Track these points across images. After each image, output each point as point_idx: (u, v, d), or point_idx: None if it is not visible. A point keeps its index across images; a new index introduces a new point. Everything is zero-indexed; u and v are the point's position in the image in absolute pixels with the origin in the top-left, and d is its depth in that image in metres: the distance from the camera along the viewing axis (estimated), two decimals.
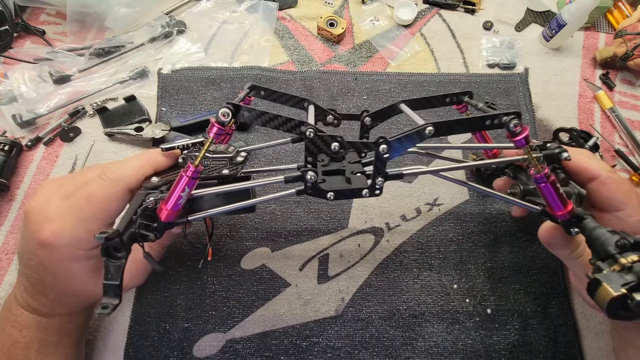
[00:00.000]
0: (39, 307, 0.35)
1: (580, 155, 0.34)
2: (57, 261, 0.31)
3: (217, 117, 0.29)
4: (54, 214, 0.31)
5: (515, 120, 0.28)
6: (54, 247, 0.31)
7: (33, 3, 0.60)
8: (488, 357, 0.44)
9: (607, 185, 0.32)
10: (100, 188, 0.32)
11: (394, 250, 0.49)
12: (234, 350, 0.44)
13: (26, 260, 0.33)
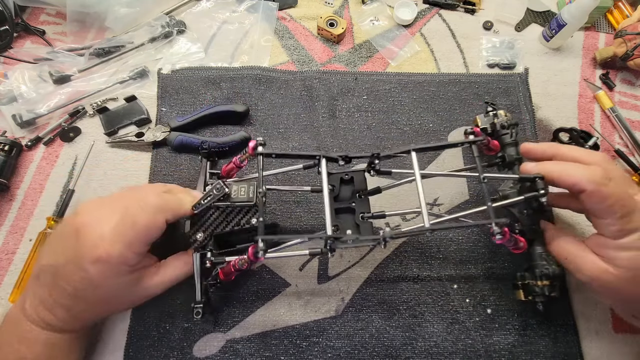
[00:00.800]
0: (54, 321, 0.36)
1: (570, 171, 0.36)
2: (106, 277, 0.35)
3: None
4: (107, 234, 0.35)
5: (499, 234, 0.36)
6: (106, 264, 0.34)
7: (33, 3, 0.60)
8: (488, 357, 0.44)
9: (592, 198, 0.35)
10: (143, 216, 0.37)
11: (394, 250, 0.49)
12: (234, 350, 0.44)
13: (68, 273, 0.35)
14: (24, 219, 0.49)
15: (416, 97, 0.57)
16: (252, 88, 0.57)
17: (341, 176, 0.43)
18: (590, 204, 0.36)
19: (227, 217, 0.42)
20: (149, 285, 0.39)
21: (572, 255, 0.38)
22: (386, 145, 0.54)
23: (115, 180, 0.51)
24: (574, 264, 0.38)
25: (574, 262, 0.38)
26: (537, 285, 0.41)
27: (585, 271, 0.37)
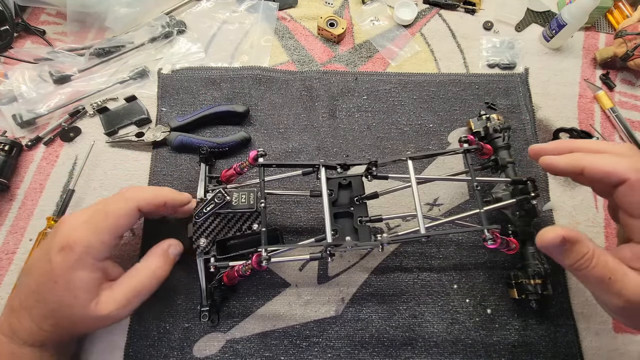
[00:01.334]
0: (18, 329, 0.35)
1: (602, 160, 0.30)
2: (68, 267, 0.34)
3: None
4: (78, 224, 0.35)
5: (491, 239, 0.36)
6: (70, 252, 0.34)
7: (33, 3, 0.60)
8: (488, 357, 0.44)
9: (635, 189, 0.28)
10: (116, 204, 0.37)
11: (394, 250, 0.49)
12: (234, 350, 0.44)
13: (35, 268, 0.35)
14: (24, 219, 0.49)
15: (416, 97, 0.57)
16: (252, 88, 0.57)
17: (339, 181, 0.43)
18: (632, 197, 0.29)
19: (229, 223, 0.43)
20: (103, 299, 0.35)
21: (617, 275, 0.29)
22: (386, 145, 0.54)
23: (115, 180, 0.51)
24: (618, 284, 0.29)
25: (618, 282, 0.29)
26: (530, 284, 0.42)
27: (628, 293, 0.28)
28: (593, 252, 0.29)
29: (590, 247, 0.29)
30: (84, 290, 0.34)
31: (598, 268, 0.29)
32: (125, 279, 0.37)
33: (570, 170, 0.32)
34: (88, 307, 0.34)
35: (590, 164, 0.30)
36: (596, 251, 0.29)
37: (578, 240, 0.29)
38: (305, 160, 0.52)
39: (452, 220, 0.41)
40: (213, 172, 0.51)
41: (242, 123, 0.55)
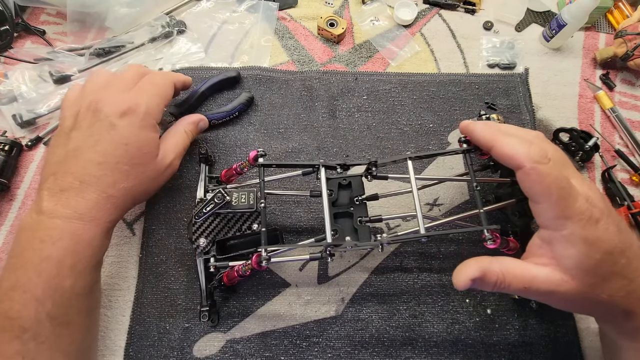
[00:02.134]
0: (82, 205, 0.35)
1: (510, 143, 0.32)
2: (136, 128, 0.38)
3: None
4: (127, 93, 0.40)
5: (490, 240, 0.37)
6: (133, 115, 0.38)
7: (33, 3, 0.60)
8: (488, 357, 0.44)
9: (528, 176, 0.31)
10: (159, 77, 0.44)
11: (394, 250, 0.49)
12: (234, 350, 0.44)
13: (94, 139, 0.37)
14: None
15: (416, 97, 0.57)
16: (252, 88, 0.57)
17: (339, 181, 0.43)
18: (528, 183, 0.31)
19: (229, 223, 0.43)
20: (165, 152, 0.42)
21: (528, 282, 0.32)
22: (386, 145, 0.54)
23: None
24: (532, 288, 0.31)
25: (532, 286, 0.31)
26: None
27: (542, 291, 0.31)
28: (502, 275, 0.32)
29: (496, 272, 0.32)
30: (153, 146, 0.40)
31: (513, 285, 0.32)
32: (169, 136, 0.45)
33: (482, 142, 0.35)
34: (157, 160, 0.41)
35: (500, 144, 0.33)
36: (504, 272, 0.32)
37: (485, 274, 0.32)
38: (305, 160, 0.52)
39: (452, 220, 0.41)
40: (213, 172, 0.51)
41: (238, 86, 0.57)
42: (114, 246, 0.48)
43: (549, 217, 0.31)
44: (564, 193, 0.30)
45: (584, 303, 0.32)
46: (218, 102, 0.56)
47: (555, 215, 0.30)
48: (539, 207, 0.32)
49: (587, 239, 0.30)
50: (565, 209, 0.30)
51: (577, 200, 0.30)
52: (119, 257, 0.48)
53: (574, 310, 0.37)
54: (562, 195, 0.30)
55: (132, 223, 0.49)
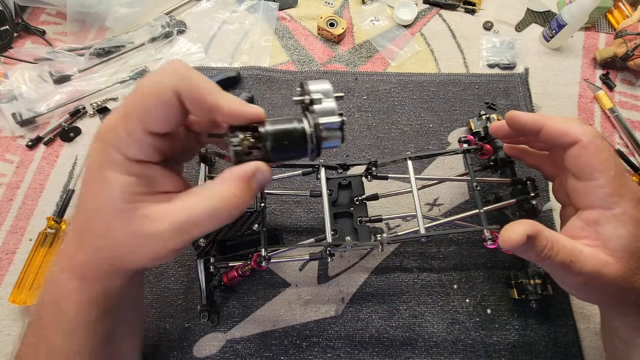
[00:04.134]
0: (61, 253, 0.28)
1: (560, 121, 0.32)
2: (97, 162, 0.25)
3: None
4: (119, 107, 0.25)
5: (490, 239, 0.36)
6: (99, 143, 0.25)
7: (33, 3, 0.60)
8: (488, 357, 0.44)
9: (587, 150, 0.29)
10: (149, 79, 0.24)
11: (394, 250, 0.49)
12: (234, 350, 0.44)
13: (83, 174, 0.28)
14: (24, 219, 0.49)
15: (416, 97, 0.57)
16: (253, 88, 0.57)
17: (339, 181, 0.43)
18: (585, 158, 0.29)
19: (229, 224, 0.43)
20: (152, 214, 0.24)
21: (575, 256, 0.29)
22: (386, 145, 0.54)
23: None
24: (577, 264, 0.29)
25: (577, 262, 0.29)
26: (529, 284, 0.42)
27: (587, 270, 0.28)
28: (552, 240, 0.29)
29: (548, 236, 0.29)
30: (115, 192, 0.24)
31: (560, 255, 0.29)
32: (190, 196, 0.26)
33: (531, 124, 0.33)
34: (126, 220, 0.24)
35: (551, 122, 0.32)
36: (554, 238, 0.29)
37: (538, 234, 0.29)
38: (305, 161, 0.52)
39: (452, 220, 0.41)
40: (213, 172, 0.51)
41: (238, 86, 0.57)
42: None
43: (602, 195, 0.29)
44: (620, 169, 0.29)
45: (618, 291, 0.29)
46: None
47: (611, 192, 0.29)
48: (591, 185, 0.29)
49: (637, 219, 0.28)
50: (621, 187, 0.29)
51: (629, 178, 0.29)
52: None
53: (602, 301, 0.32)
54: (619, 172, 0.29)
55: None
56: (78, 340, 0.28)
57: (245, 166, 0.26)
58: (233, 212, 0.26)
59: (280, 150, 0.26)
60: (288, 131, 0.26)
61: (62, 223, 0.47)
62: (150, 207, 0.25)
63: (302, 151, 0.26)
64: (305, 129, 0.26)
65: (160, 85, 0.23)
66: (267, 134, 0.25)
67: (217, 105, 0.24)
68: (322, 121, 0.26)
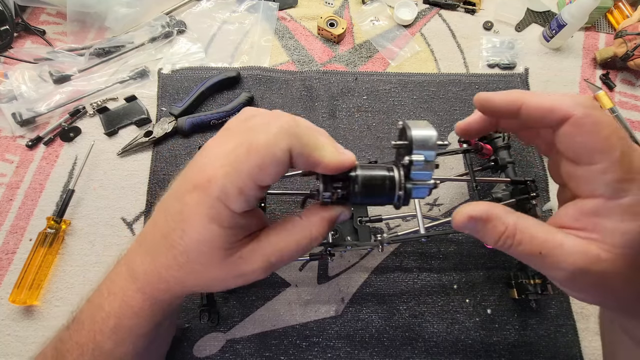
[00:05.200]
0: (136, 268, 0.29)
1: (543, 96, 0.25)
2: (198, 214, 0.25)
3: None
4: (219, 157, 0.25)
5: None
6: (202, 195, 0.25)
7: (33, 3, 0.60)
8: (488, 357, 0.44)
9: (582, 127, 0.23)
10: (262, 136, 0.24)
11: (394, 250, 0.49)
12: (234, 350, 0.44)
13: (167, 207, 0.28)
14: (24, 219, 0.49)
15: (416, 97, 0.57)
16: (252, 88, 0.57)
17: None
18: (580, 137, 0.23)
19: None
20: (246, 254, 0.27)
21: (549, 248, 0.23)
22: (386, 145, 0.54)
23: (115, 180, 0.51)
24: (552, 258, 0.23)
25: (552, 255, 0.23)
26: (529, 284, 0.43)
27: (566, 265, 0.23)
28: (514, 228, 0.24)
29: (508, 222, 0.24)
30: (216, 246, 0.26)
31: (524, 245, 0.24)
32: (278, 233, 0.28)
33: (505, 106, 0.26)
34: (226, 263, 0.27)
35: (530, 100, 0.25)
36: (518, 226, 0.24)
37: (489, 219, 0.25)
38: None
39: None
40: None
41: (237, 86, 0.57)
42: (114, 246, 0.48)
43: (607, 181, 0.22)
44: (626, 146, 0.22)
45: (619, 291, 0.24)
46: (218, 102, 0.56)
47: (618, 177, 0.22)
48: (592, 170, 0.23)
49: None
50: (630, 169, 0.22)
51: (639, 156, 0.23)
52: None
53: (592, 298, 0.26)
54: (625, 150, 0.22)
55: (132, 223, 0.49)
56: (125, 349, 0.30)
57: (331, 210, 0.29)
58: (314, 245, 0.29)
59: (366, 195, 0.27)
60: (377, 179, 0.26)
61: (62, 223, 0.47)
62: (243, 249, 0.27)
63: (387, 200, 0.27)
64: (395, 182, 0.26)
65: (277, 147, 0.24)
66: (356, 180, 0.26)
67: (322, 160, 0.25)
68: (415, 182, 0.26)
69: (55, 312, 0.45)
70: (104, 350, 0.29)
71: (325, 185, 0.27)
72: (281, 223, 0.29)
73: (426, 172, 0.26)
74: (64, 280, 0.46)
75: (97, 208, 0.50)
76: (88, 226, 0.49)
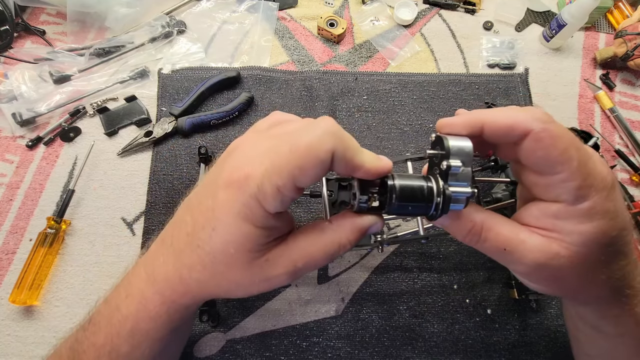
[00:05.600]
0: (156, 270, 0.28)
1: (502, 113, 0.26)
2: (231, 212, 0.25)
3: None
4: (257, 153, 0.25)
5: None
6: (238, 191, 0.24)
7: (33, 3, 0.60)
8: (488, 357, 0.44)
9: (541, 141, 0.24)
10: (305, 136, 0.24)
11: (394, 250, 0.49)
12: (234, 350, 0.44)
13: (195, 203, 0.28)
14: (24, 219, 0.49)
15: (416, 97, 0.57)
16: (252, 88, 0.57)
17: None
18: (541, 151, 0.24)
19: None
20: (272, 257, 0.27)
21: (513, 245, 0.26)
22: (386, 145, 0.54)
23: (115, 180, 0.51)
24: (515, 254, 0.26)
25: (515, 252, 0.26)
26: None
27: (528, 261, 0.25)
28: (481, 225, 0.26)
29: (476, 220, 0.26)
30: (245, 248, 0.25)
31: (489, 242, 0.26)
32: (306, 237, 0.28)
33: (468, 128, 0.27)
34: (252, 267, 0.26)
35: (491, 119, 0.26)
36: (485, 223, 0.26)
37: (458, 215, 0.27)
38: None
39: None
40: None
41: (237, 86, 0.57)
42: (114, 246, 0.48)
43: (567, 189, 0.24)
44: (583, 155, 0.24)
45: (572, 283, 0.27)
46: (218, 102, 0.56)
47: (577, 185, 0.24)
48: (554, 179, 0.25)
49: (608, 211, 0.25)
50: (589, 176, 0.24)
51: (596, 163, 0.25)
52: (118, 257, 0.48)
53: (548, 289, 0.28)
54: (582, 159, 0.24)
55: (132, 223, 0.49)
56: (142, 352, 0.30)
57: (366, 219, 0.28)
58: (342, 253, 0.28)
59: (402, 205, 0.26)
60: (415, 189, 0.26)
61: (62, 223, 0.47)
62: (270, 252, 0.26)
63: (423, 211, 0.26)
64: (434, 191, 0.25)
65: (320, 148, 0.24)
66: (394, 188, 0.26)
67: (362, 165, 0.25)
68: (454, 190, 0.25)
69: (55, 312, 0.45)
70: (121, 353, 0.29)
71: (363, 189, 0.26)
72: (310, 227, 0.28)
73: (463, 182, 0.25)
74: (64, 280, 0.46)
75: (97, 208, 0.50)
76: (88, 226, 0.49)
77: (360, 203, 0.26)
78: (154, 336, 0.29)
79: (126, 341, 0.29)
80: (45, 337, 0.44)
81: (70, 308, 0.45)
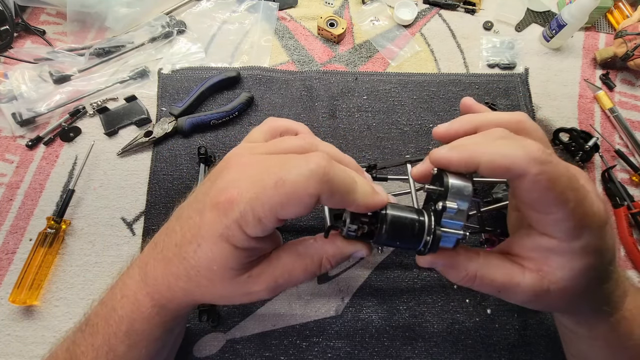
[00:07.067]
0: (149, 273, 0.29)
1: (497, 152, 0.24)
2: (215, 231, 0.26)
3: None
4: (244, 177, 0.25)
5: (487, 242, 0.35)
6: (222, 215, 0.25)
7: (33, 3, 0.60)
8: (488, 357, 0.44)
9: (537, 184, 0.23)
10: (296, 171, 0.24)
11: (394, 250, 0.49)
12: (234, 350, 0.44)
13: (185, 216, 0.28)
14: (24, 219, 0.49)
15: (416, 97, 0.57)
16: (252, 88, 0.57)
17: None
18: (536, 193, 0.24)
19: None
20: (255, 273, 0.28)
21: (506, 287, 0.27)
22: (386, 145, 0.54)
23: (115, 180, 0.51)
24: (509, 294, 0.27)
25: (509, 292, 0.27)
26: None
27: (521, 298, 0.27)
28: (474, 275, 0.27)
29: (469, 270, 0.27)
30: (227, 266, 0.27)
31: (484, 287, 0.27)
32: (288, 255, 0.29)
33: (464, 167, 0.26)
34: (232, 282, 0.27)
35: (487, 158, 0.24)
36: (479, 273, 0.27)
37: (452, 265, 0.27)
38: None
39: None
40: None
41: (237, 86, 0.57)
42: (114, 246, 0.48)
43: (562, 229, 0.25)
44: (579, 196, 0.24)
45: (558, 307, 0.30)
46: (218, 102, 0.56)
47: (572, 225, 0.24)
48: (548, 219, 0.25)
49: (599, 249, 0.25)
50: (584, 217, 0.24)
51: (592, 201, 0.25)
52: (118, 257, 0.48)
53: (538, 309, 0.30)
54: (578, 200, 0.24)
55: (132, 223, 0.49)
56: (138, 352, 0.31)
57: (350, 247, 0.28)
58: (324, 272, 0.29)
59: (393, 236, 0.26)
60: (406, 223, 0.25)
61: (62, 223, 0.47)
62: (253, 269, 0.28)
63: (413, 245, 0.26)
64: (425, 226, 0.25)
65: (304, 191, 0.23)
66: (385, 219, 0.25)
67: (353, 202, 0.25)
68: (445, 231, 0.25)
69: (55, 312, 0.45)
70: (118, 353, 0.30)
71: (353, 218, 0.26)
72: (294, 244, 0.29)
73: (457, 222, 0.25)
74: (64, 280, 0.46)
75: (97, 208, 0.50)
76: (88, 226, 0.49)
77: (349, 231, 0.26)
78: (150, 336, 0.31)
79: (123, 341, 0.30)
80: (45, 337, 0.44)
81: (70, 308, 0.45)
